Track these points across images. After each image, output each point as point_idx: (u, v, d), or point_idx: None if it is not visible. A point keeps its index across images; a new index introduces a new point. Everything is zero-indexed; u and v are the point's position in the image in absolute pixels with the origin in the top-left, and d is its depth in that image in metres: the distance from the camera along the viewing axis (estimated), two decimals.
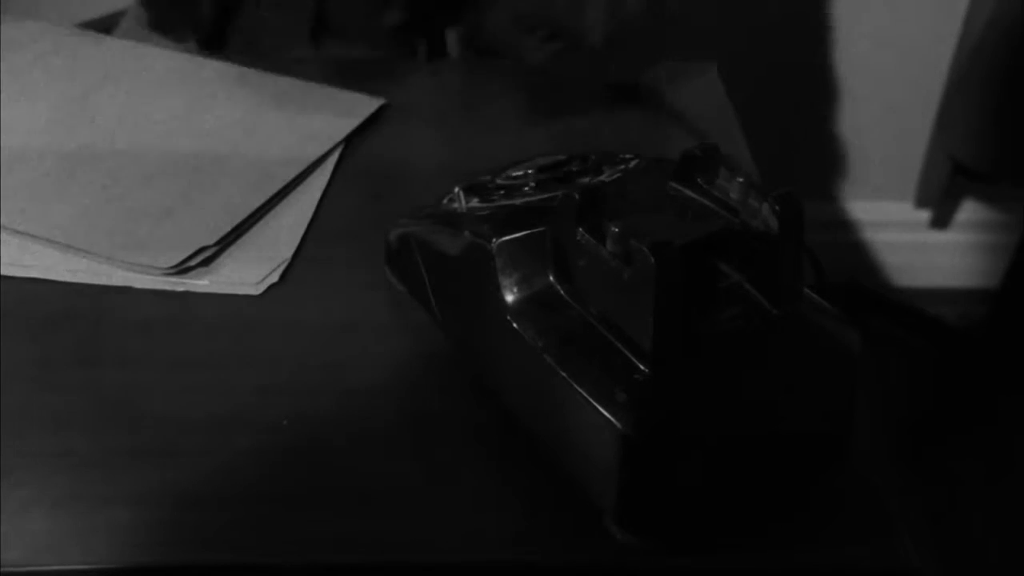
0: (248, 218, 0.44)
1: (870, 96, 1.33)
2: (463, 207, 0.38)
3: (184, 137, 0.50)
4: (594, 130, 0.57)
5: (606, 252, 0.30)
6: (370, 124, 0.55)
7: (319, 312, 0.41)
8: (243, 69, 0.57)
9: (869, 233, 1.44)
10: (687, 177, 0.34)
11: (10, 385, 0.36)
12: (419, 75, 0.64)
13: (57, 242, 0.41)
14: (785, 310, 0.31)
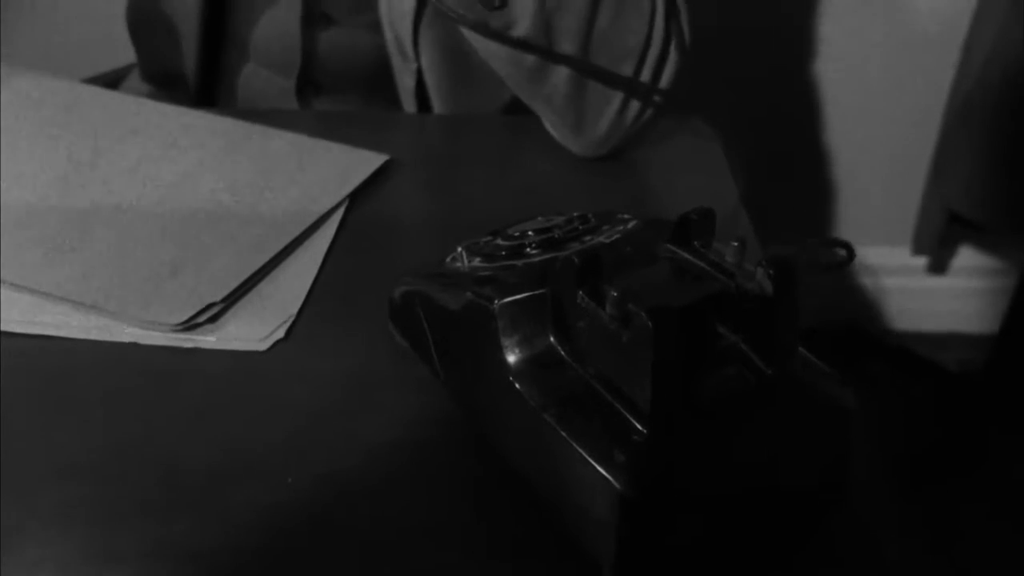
0: (254, 274, 0.45)
1: (865, 144, 1.35)
2: (466, 266, 0.39)
3: (192, 194, 0.51)
4: (588, 185, 0.59)
5: (605, 315, 0.31)
6: (371, 179, 0.56)
7: (323, 368, 0.41)
8: (249, 125, 0.59)
9: (867, 278, 1.46)
10: (683, 239, 0.35)
11: (17, 440, 0.36)
12: (410, 129, 0.66)
13: (68, 299, 0.42)
14: (780, 370, 0.31)
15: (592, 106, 0.57)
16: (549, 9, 0.53)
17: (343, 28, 0.70)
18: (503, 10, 0.52)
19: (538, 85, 0.56)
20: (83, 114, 0.57)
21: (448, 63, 0.68)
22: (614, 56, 0.56)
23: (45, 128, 0.56)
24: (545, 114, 0.59)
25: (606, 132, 0.58)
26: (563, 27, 0.54)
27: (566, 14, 0.53)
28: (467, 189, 0.57)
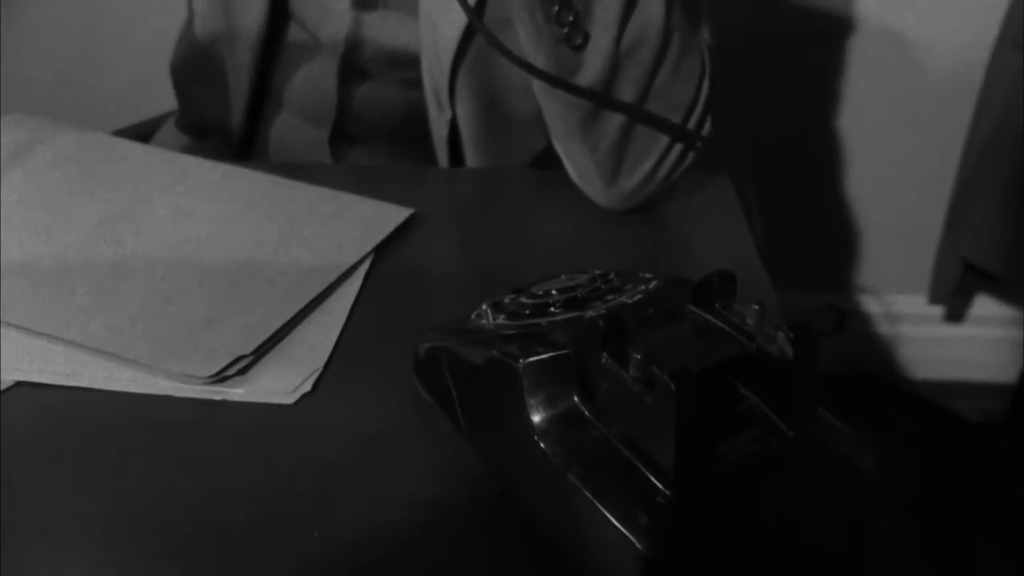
0: (283, 327, 0.46)
1: (882, 193, 1.36)
2: (491, 324, 0.40)
3: (222, 247, 0.53)
4: (611, 238, 0.60)
5: (629, 377, 0.31)
6: (397, 232, 0.57)
7: (349, 420, 0.42)
8: (277, 179, 0.60)
9: (884, 325, 1.46)
10: (705, 301, 0.35)
11: (49, 489, 0.37)
12: (437, 183, 0.67)
13: (103, 351, 0.43)
14: (800, 432, 0.32)
15: (632, 158, 0.59)
16: (621, 55, 0.55)
17: (377, 83, 0.72)
18: (580, 51, 0.54)
19: (590, 130, 0.58)
20: (120, 168, 0.59)
21: (482, 114, 0.70)
22: (666, 109, 0.58)
23: (83, 182, 0.57)
24: (583, 161, 0.60)
25: (637, 185, 0.60)
26: (629, 74, 0.56)
27: (634, 63, 0.56)
28: (492, 242, 0.59)
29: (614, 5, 0.54)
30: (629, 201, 0.61)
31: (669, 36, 0.56)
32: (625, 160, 0.59)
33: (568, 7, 0.53)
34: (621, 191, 0.60)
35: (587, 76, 0.55)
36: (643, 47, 0.56)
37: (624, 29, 0.55)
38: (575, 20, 0.54)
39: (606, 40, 0.55)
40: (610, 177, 0.60)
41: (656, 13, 0.55)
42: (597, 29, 0.54)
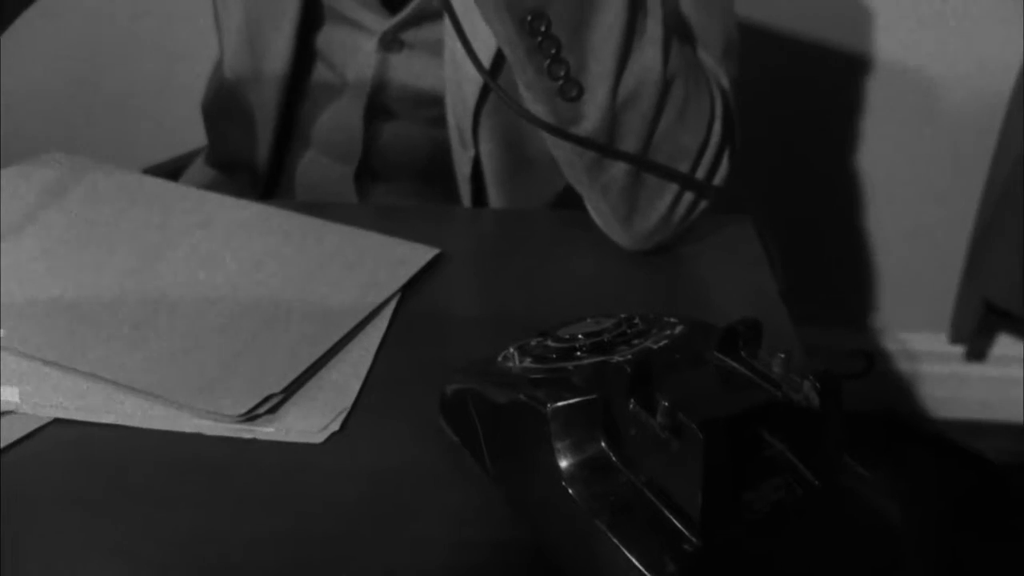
0: (311, 366, 0.47)
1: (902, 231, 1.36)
2: (517, 367, 0.40)
3: (252, 286, 0.54)
4: (634, 279, 0.60)
5: (656, 424, 0.32)
6: (423, 271, 0.58)
7: (376, 460, 0.43)
8: (305, 218, 0.61)
9: (904, 363, 1.45)
10: (731, 348, 0.36)
11: (77, 527, 0.38)
12: (462, 223, 0.68)
13: (135, 389, 0.44)
14: (827, 481, 0.32)
15: (645, 201, 0.59)
16: (619, 105, 0.55)
17: (403, 121, 0.73)
18: (576, 102, 0.55)
19: (596, 175, 0.59)
20: (152, 207, 0.61)
21: (505, 152, 0.71)
22: (672, 155, 0.58)
23: (117, 221, 0.59)
24: (598, 204, 0.61)
25: (655, 226, 0.60)
26: (628, 124, 0.56)
27: (633, 112, 0.56)
28: (515, 283, 0.59)
29: (607, 58, 0.54)
30: (648, 242, 0.62)
31: (669, 84, 0.56)
32: (638, 202, 0.59)
33: (558, 61, 0.53)
34: (639, 232, 0.61)
35: (586, 127, 0.56)
36: (641, 97, 0.56)
37: (620, 80, 0.55)
38: (567, 73, 0.54)
39: (602, 92, 0.55)
40: (625, 219, 0.60)
41: (653, 62, 0.55)
42: (592, 81, 0.54)
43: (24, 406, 0.43)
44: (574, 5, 0.53)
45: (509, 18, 0.53)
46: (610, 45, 0.54)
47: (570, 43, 0.53)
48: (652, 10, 0.55)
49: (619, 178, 0.58)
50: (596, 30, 0.53)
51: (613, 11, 0.53)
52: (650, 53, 0.55)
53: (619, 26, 0.54)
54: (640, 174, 0.58)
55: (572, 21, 0.53)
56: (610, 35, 0.53)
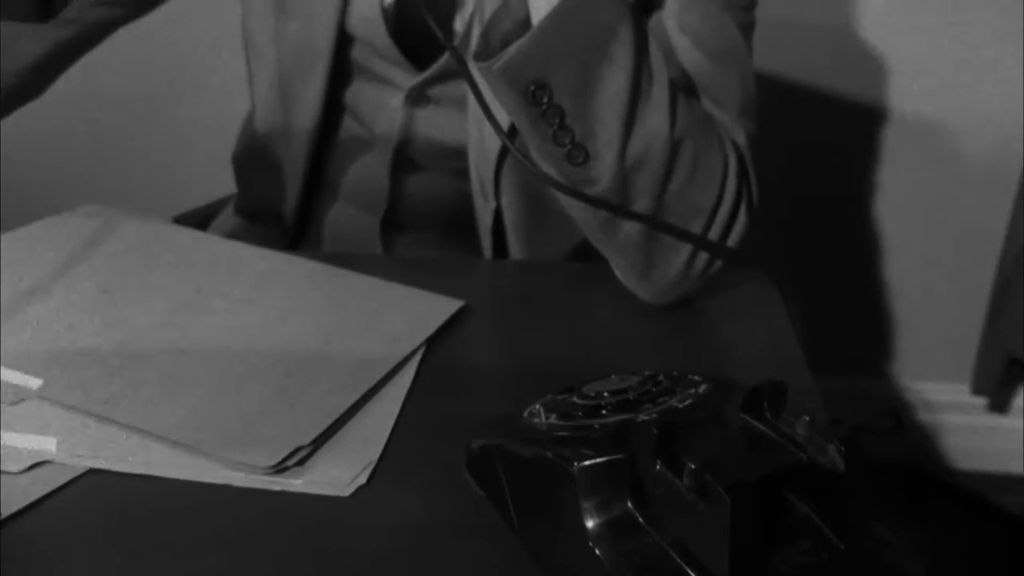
0: (339, 417, 0.48)
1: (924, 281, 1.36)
2: (543, 423, 0.41)
3: (282, 336, 0.55)
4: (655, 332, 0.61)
5: (683, 485, 0.32)
6: (447, 323, 0.59)
7: (402, 513, 0.43)
8: (333, 269, 0.63)
9: (925, 414, 1.44)
10: (755, 409, 0.36)
11: None
12: (485, 274, 0.69)
13: (168, 439, 0.45)
14: (852, 545, 0.33)
15: (662, 256, 0.60)
16: (628, 168, 0.56)
17: (427, 173, 0.75)
18: (584, 166, 0.56)
19: (613, 233, 0.60)
20: (182, 258, 0.62)
21: (526, 205, 0.72)
22: (686, 213, 0.59)
23: (150, 272, 0.60)
24: (616, 261, 0.62)
25: (674, 281, 0.61)
26: (640, 184, 0.57)
27: (643, 174, 0.57)
28: (539, 335, 0.60)
29: (613, 124, 0.55)
30: (668, 295, 0.62)
31: (678, 145, 0.57)
32: (655, 258, 0.60)
33: (564, 128, 0.55)
34: (658, 286, 0.62)
35: (597, 189, 0.57)
36: (650, 159, 0.56)
37: (627, 144, 0.56)
38: (573, 139, 0.55)
39: (610, 156, 0.56)
40: (643, 274, 0.61)
41: (660, 126, 0.56)
42: (599, 147, 0.55)
43: (60, 456, 0.44)
44: (576, 75, 0.54)
45: (512, 89, 0.54)
46: (615, 112, 0.55)
47: (574, 111, 0.54)
48: (657, 75, 0.56)
49: (634, 235, 0.59)
50: (600, 98, 0.55)
51: (616, 79, 0.55)
52: (657, 117, 0.56)
53: (623, 93, 0.55)
54: (654, 231, 0.59)
55: (575, 90, 0.54)
56: (615, 102, 0.55)
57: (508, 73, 0.54)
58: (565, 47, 0.54)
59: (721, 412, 0.38)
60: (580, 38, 0.54)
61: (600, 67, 0.54)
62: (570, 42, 0.54)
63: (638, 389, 0.41)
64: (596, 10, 0.54)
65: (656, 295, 0.62)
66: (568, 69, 0.54)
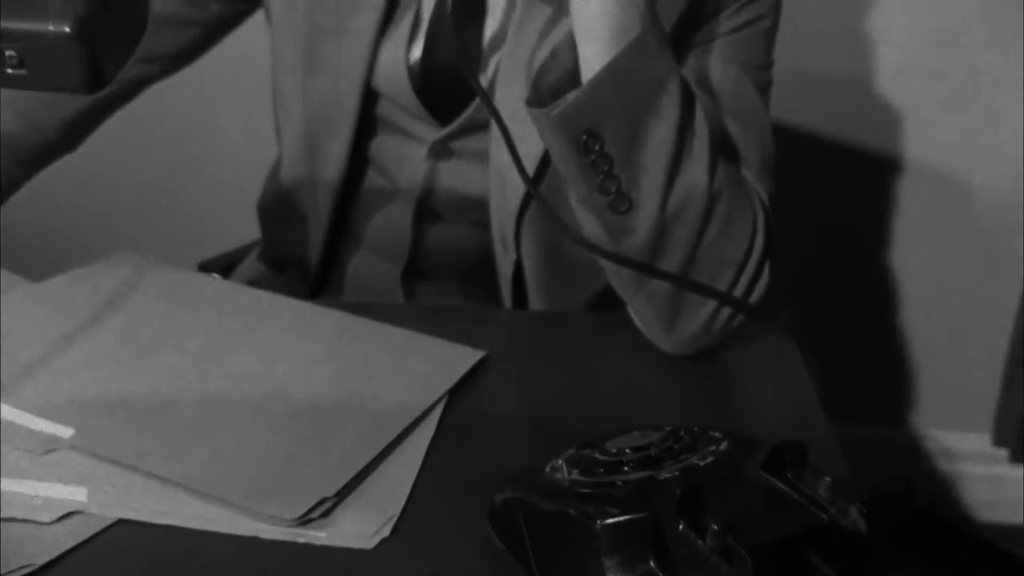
0: (363, 469, 0.49)
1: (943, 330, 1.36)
2: (565, 478, 0.41)
3: (306, 386, 0.56)
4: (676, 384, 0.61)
5: (705, 546, 0.33)
6: (469, 373, 0.59)
7: (424, 566, 0.44)
8: (357, 319, 0.64)
9: (945, 463, 1.42)
10: (777, 469, 0.37)
11: None
12: (505, 324, 0.70)
13: (195, 489, 0.46)
14: None
15: (688, 309, 0.61)
16: (667, 218, 0.58)
17: (450, 224, 0.76)
18: (626, 215, 0.57)
19: (643, 284, 0.61)
20: (211, 307, 0.63)
21: (545, 256, 0.73)
22: (717, 265, 0.60)
23: (177, 321, 0.61)
24: (642, 311, 0.63)
25: (697, 333, 0.62)
26: (677, 235, 0.58)
27: (681, 225, 0.58)
28: (560, 386, 0.61)
29: (657, 174, 0.57)
30: (690, 347, 0.63)
31: (715, 198, 0.59)
32: (682, 309, 0.61)
33: (611, 177, 0.56)
34: (681, 338, 0.62)
35: (635, 239, 0.58)
36: (689, 210, 0.58)
37: (669, 195, 0.57)
38: (618, 188, 0.57)
39: (652, 206, 0.57)
40: (669, 324, 0.62)
41: (700, 178, 0.58)
42: (642, 196, 0.57)
43: (91, 506, 0.45)
44: (627, 125, 0.56)
45: (565, 137, 0.56)
46: (660, 163, 0.56)
47: (622, 161, 0.56)
48: (699, 130, 0.58)
49: (664, 286, 0.60)
50: (647, 149, 0.56)
51: (663, 131, 0.56)
52: (698, 170, 0.58)
53: (669, 145, 0.56)
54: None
55: (625, 140, 0.56)
56: (660, 153, 0.56)
57: (564, 121, 0.55)
58: (619, 99, 0.55)
59: (742, 471, 0.38)
60: (634, 90, 0.56)
61: (649, 119, 0.56)
62: (623, 94, 0.55)
63: (659, 446, 0.42)
64: (650, 64, 0.56)
65: (678, 346, 0.63)
66: (620, 120, 0.55)
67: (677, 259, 0.59)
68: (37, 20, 0.31)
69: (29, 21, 0.31)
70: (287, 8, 0.71)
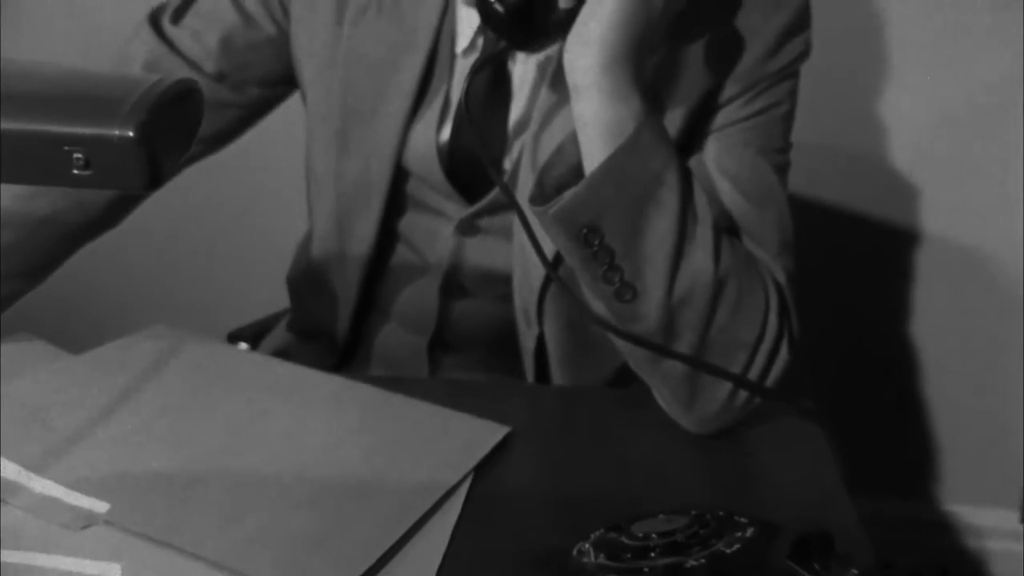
0: (390, 547, 0.49)
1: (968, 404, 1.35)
2: (592, 563, 0.42)
3: (336, 461, 0.57)
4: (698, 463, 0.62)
5: None
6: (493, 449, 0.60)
7: None
8: (384, 393, 0.65)
9: (971, 540, 1.40)
10: (803, 558, 0.37)
11: None
12: (528, 399, 0.71)
13: (229, 567, 0.47)
14: None
15: (705, 389, 0.62)
16: (674, 304, 0.59)
17: (475, 298, 0.78)
18: (633, 303, 0.59)
19: (657, 364, 0.62)
20: (244, 382, 0.65)
21: (567, 332, 0.74)
22: (729, 348, 0.61)
23: (210, 394, 0.63)
24: (660, 390, 0.64)
25: (717, 412, 0.62)
26: (685, 320, 0.59)
27: (688, 311, 0.59)
28: (584, 463, 0.61)
29: (661, 263, 0.58)
30: (711, 425, 0.64)
31: (722, 283, 0.60)
32: (699, 388, 0.62)
33: (614, 268, 0.58)
34: (701, 416, 0.63)
35: (644, 324, 0.59)
36: (695, 297, 0.59)
37: (674, 283, 0.58)
38: (622, 278, 0.58)
39: (657, 294, 0.58)
40: (687, 403, 0.63)
41: (705, 264, 0.59)
42: (647, 285, 0.58)
43: None
44: (626, 219, 0.57)
45: (565, 232, 0.58)
46: (663, 252, 0.58)
47: (624, 252, 0.57)
48: (702, 217, 0.59)
49: (678, 367, 0.61)
50: (648, 239, 0.58)
51: (664, 222, 0.58)
52: (702, 256, 0.59)
53: (670, 235, 0.58)
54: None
55: (625, 233, 0.57)
56: (662, 243, 0.58)
57: (562, 218, 0.57)
58: (616, 194, 0.57)
59: (768, 559, 0.39)
60: (631, 186, 0.57)
61: (648, 211, 0.57)
62: (621, 190, 0.57)
63: (686, 531, 0.42)
64: (646, 160, 0.57)
65: (698, 425, 0.64)
66: (619, 214, 0.57)
67: (688, 342, 0.60)
68: (104, 126, 0.33)
69: (97, 127, 0.33)
70: (323, 92, 0.74)
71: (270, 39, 0.75)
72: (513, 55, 0.68)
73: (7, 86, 0.34)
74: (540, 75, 0.69)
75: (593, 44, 0.56)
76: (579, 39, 0.57)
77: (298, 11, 0.73)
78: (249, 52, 0.75)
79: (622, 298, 0.59)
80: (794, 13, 0.67)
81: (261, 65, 0.75)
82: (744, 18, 0.66)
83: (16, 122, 0.34)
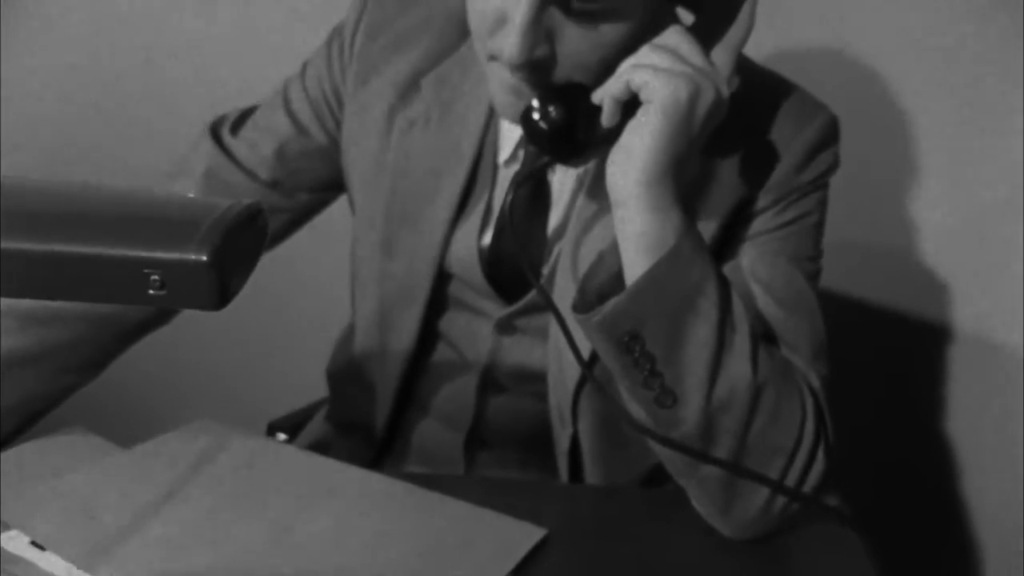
0: None
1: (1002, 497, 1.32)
2: None
3: (376, 562, 0.58)
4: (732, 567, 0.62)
5: None
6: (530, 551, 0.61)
7: None
8: (424, 492, 0.66)
9: None
10: None
11: None
12: (563, 499, 0.72)
13: None
14: None
15: (742, 495, 0.62)
16: (713, 411, 0.60)
17: (512, 395, 0.79)
18: (673, 408, 0.60)
19: (695, 469, 0.62)
20: (287, 478, 0.66)
21: (601, 431, 0.75)
22: (766, 453, 0.61)
23: (252, 492, 0.64)
24: (697, 495, 0.64)
25: (754, 518, 0.63)
26: (724, 426, 0.60)
27: (727, 417, 0.60)
28: (619, 567, 0.61)
29: (700, 370, 0.59)
30: (748, 531, 0.64)
31: (760, 390, 0.61)
32: (737, 494, 0.62)
33: (655, 374, 0.59)
34: (738, 522, 0.63)
35: (683, 429, 0.60)
36: (734, 402, 0.60)
37: (713, 389, 0.60)
38: (662, 384, 0.59)
39: (697, 400, 0.60)
40: (724, 509, 0.63)
41: (744, 371, 0.60)
42: (687, 391, 0.60)
43: None
44: (666, 328, 0.59)
45: (607, 339, 0.59)
46: (702, 359, 0.59)
47: (664, 359, 0.59)
48: (739, 326, 0.61)
49: (715, 472, 0.61)
50: (688, 347, 0.59)
51: (703, 331, 0.59)
52: (740, 365, 0.60)
53: (710, 344, 0.59)
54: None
55: (665, 340, 0.59)
56: (702, 351, 0.59)
57: (605, 326, 0.59)
58: (657, 304, 0.59)
59: None
60: (671, 295, 0.59)
61: (688, 320, 0.59)
62: (662, 299, 0.59)
63: None
64: (686, 271, 0.59)
65: (735, 530, 0.64)
66: (659, 323, 0.59)
67: (726, 447, 0.61)
68: (180, 250, 0.36)
69: (174, 251, 0.36)
70: (370, 198, 0.77)
71: (321, 149, 0.79)
72: (553, 167, 0.71)
73: (90, 210, 0.37)
74: (578, 184, 0.72)
75: (636, 161, 0.59)
76: (623, 156, 0.60)
77: (350, 123, 0.77)
78: (302, 160, 0.79)
79: (662, 404, 0.60)
80: (823, 128, 0.70)
81: (312, 172, 0.79)
82: (776, 132, 0.69)
83: (98, 246, 0.36)
